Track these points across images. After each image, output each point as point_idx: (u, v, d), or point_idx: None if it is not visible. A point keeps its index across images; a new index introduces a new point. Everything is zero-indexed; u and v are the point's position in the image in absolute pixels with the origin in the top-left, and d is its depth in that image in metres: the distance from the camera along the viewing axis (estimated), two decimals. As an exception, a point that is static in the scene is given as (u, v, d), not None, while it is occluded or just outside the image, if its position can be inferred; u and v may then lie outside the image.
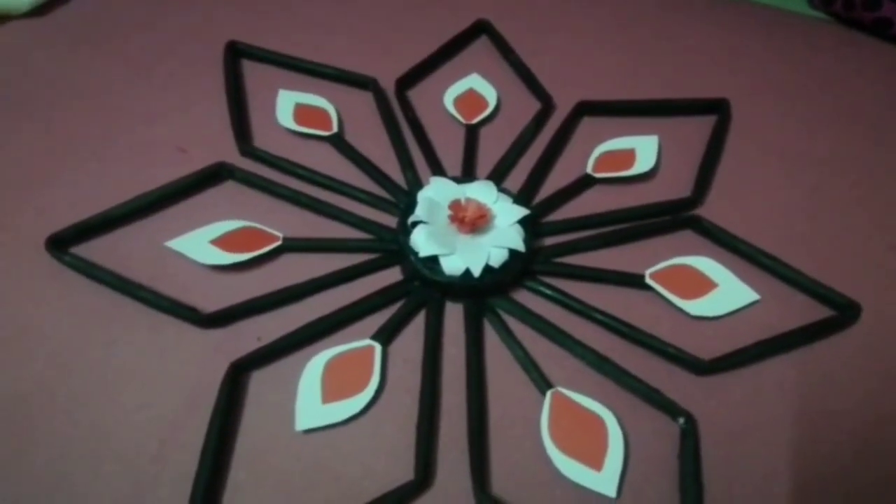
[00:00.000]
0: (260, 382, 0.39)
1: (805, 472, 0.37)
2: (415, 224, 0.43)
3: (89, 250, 0.44)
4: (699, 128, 0.54)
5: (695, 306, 0.43)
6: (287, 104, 0.54)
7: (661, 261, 0.45)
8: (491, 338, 0.42)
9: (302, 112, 0.53)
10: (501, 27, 0.62)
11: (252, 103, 0.55)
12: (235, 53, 0.58)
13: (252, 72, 0.57)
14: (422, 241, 0.42)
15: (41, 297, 0.42)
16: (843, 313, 0.43)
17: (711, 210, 0.48)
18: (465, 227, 0.43)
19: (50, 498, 0.35)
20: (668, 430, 0.38)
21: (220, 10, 0.63)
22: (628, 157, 0.51)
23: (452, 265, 0.41)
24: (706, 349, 0.41)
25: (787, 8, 0.69)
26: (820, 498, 0.36)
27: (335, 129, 0.52)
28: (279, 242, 0.44)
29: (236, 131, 0.51)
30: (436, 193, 0.45)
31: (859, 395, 0.40)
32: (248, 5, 0.63)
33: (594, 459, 0.36)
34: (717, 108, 0.55)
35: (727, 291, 0.44)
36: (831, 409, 0.40)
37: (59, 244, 0.43)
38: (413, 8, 0.65)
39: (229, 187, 0.48)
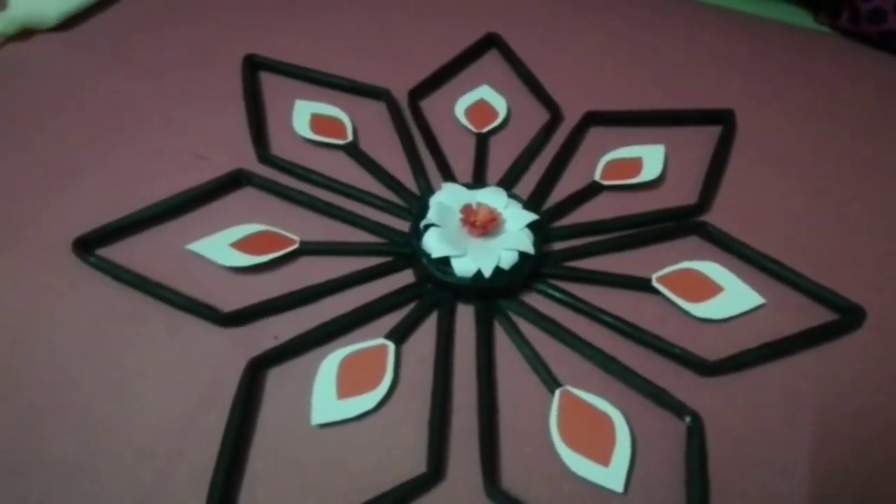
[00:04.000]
0: (277, 379, 0.40)
1: (810, 470, 0.38)
2: (427, 228, 0.45)
3: (113, 252, 0.45)
4: (705, 138, 0.56)
5: (701, 309, 0.44)
6: (303, 114, 0.55)
7: (667, 265, 0.46)
8: (501, 339, 0.43)
9: (318, 121, 0.55)
10: (511, 40, 0.64)
11: (269, 113, 0.56)
12: (253, 66, 0.60)
13: (270, 83, 0.59)
14: (434, 243, 0.43)
15: (67, 297, 0.43)
16: (848, 317, 0.44)
17: (717, 217, 0.49)
18: (477, 231, 0.44)
19: (75, 487, 0.36)
20: (674, 429, 0.39)
21: (239, 23, 0.65)
22: (635, 165, 0.52)
23: (464, 267, 0.43)
24: (712, 351, 0.42)
25: (793, 23, 0.71)
26: (824, 494, 0.37)
27: (350, 137, 0.54)
28: (296, 246, 0.46)
29: (254, 139, 0.53)
30: (447, 198, 0.46)
31: (864, 398, 0.41)
32: (267, 19, 0.65)
33: (602, 455, 0.37)
34: (723, 119, 0.57)
35: (733, 295, 0.44)
36: (836, 410, 0.40)
37: (85, 246, 0.45)
38: (425, 22, 0.66)
39: (248, 193, 0.50)
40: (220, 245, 0.45)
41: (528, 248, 0.44)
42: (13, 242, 0.46)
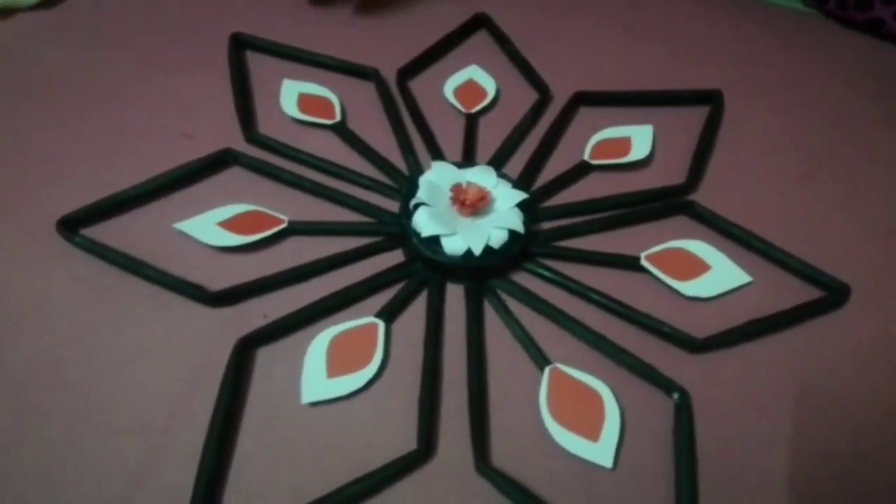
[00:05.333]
0: (266, 358, 0.40)
1: (796, 445, 0.38)
2: (416, 207, 0.45)
3: (99, 232, 0.45)
4: (693, 119, 0.56)
5: (689, 287, 0.44)
6: (291, 93, 0.55)
7: (655, 245, 0.46)
8: (491, 317, 0.43)
9: (306, 101, 0.54)
10: (500, 20, 0.63)
11: (257, 93, 0.56)
12: (239, 45, 0.59)
13: (257, 63, 0.59)
14: (424, 222, 0.43)
15: (53, 278, 0.43)
16: (833, 295, 0.44)
17: (705, 197, 0.50)
18: (466, 210, 0.44)
19: (61, 470, 0.36)
20: (663, 406, 0.39)
21: (225, 1, 0.64)
22: (624, 145, 0.52)
23: (454, 245, 0.43)
24: (700, 328, 0.42)
25: (781, 4, 0.71)
26: (810, 470, 0.37)
27: (338, 117, 0.53)
28: (284, 225, 0.45)
29: (242, 119, 0.52)
30: (437, 177, 0.46)
31: (848, 373, 0.41)
32: (253, -2, 0.65)
33: (591, 432, 0.37)
34: (711, 99, 0.57)
35: (720, 273, 0.45)
36: (821, 385, 0.41)
37: (70, 226, 0.44)
38: (414, 1, 0.66)
39: (235, 173, 0.50)
40: (207, 224, 0.45)
41: (518, 226, 0.44)
42: (-4, 223, 0.46)
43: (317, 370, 0.39)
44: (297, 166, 0.50)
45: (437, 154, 0.51)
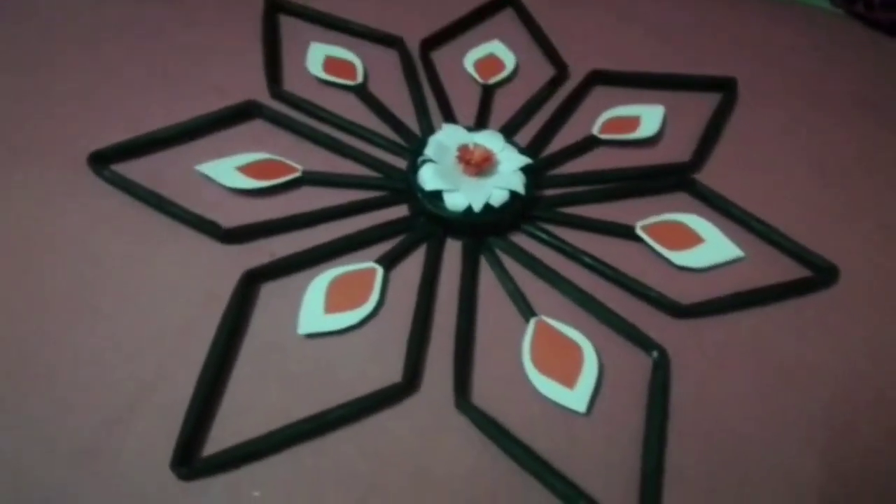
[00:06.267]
0: (270, 292, 0.43)
1: (765, 411, 0.40)
2: (423, 163, 0.47)
3: (127, 169, 0.48)
4: (706, 106, 0.57)
5: (680, 257, 0.45)
6: (317, 55, 0.57)
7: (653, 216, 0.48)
8: (486, 273, 0.45)
9: (330, 63, 0.57)
10: (527, 1, 0.65)
11: (285, 53, 0.59)
12: (274, 7, 0.62)
13: (288, 26, 0.61)
14: (428, 177, 0.45)
15: (81, 208, 0.46)
16: (821, 275, 0.45)
17: (708, 177, 0.51)
18: (471, 169, 0.46)
19: (72, 388, 0.38)
20: (642, 364, 0.41)
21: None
22: (633, 123, 0.54)
23: (455, 201, 0.45)
24: (687, 297, 0.43)
25: (808, 3, 0.71)
26: (777, 433, 0.39)
27: (360, 80, 0.56)
28: (298, 174, 0.48)
29: (269, 76, 0.55)
30: (446, 138, 0.48)
31: (826, 352, 0.42)
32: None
33: (568, 379, 0.39)
34: (725, 86, 0.58)
35: (713, 246, 0.46)
36: (798, 360, 0.42)
37: (100, 160, 0.47)
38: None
39: (258, 124, 0.52)
40: (227, 168, 0.48)
41: (520, 188, 0.46)
42: (32, 156, 0.49)
43: (315, 305, 0.41)
44: (317, 122, 0.52)
45: (450, 119, 0.53)
